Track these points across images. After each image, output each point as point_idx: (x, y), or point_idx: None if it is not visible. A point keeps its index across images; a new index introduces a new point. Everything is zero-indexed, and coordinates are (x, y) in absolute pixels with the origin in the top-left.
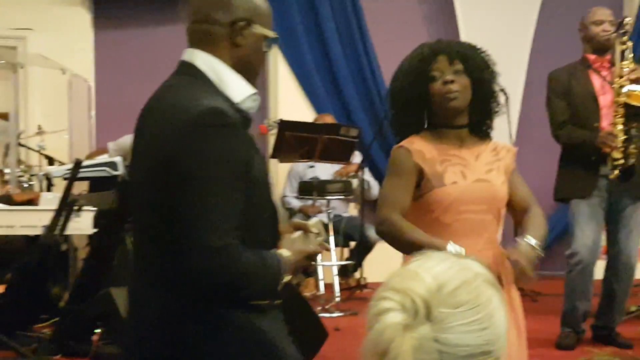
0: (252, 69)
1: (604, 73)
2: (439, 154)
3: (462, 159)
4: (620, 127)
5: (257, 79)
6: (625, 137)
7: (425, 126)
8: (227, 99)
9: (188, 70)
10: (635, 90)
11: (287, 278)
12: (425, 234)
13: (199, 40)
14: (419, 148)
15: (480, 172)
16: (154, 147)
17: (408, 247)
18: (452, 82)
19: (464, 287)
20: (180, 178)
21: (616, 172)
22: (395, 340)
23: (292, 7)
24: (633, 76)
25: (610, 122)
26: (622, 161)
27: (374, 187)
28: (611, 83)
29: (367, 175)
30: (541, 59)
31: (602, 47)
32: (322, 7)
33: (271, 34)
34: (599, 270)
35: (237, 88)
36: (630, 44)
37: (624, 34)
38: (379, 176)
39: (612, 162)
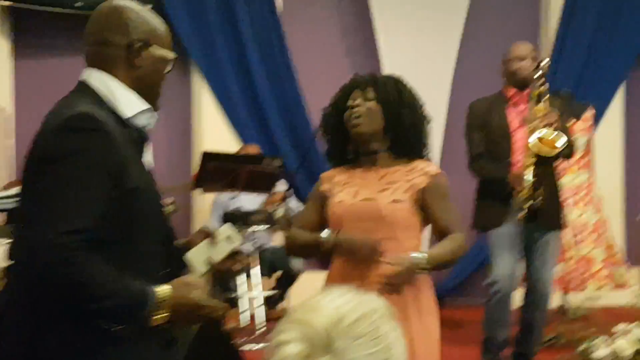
0: (152, 90)
1: (522, 107)
2: (347, 177)
3: (364, 180)
4: (530, 169)
5: (158, 99)
6: (534, 179)
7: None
8: (115, 113)
9: (81, 87)
10: (546, 139)
11: (160, 315)
12: (309, 233)
13: (97, 62)
14: (332, 174)
15: (372, 191)
16: (30, 151)
17: (300, 250)
18: (357, 106)
19: (363, 320)
20: (36, 174)
21: (523, 213)
22: None
23: (217, 36)
24: (546, 121)
25: (523, 154)
26: (528, 203)
27: None
28: (528, 120)
29: (293, 205)
30: (463, 90)
31: (521, 83)
32: (247, 37)
33: (170, 54)
34: (518, 298)
35: (128, 103)
36: (546, 87)
37: (542, 76)
38: (304, 203)
39: (519, 203)
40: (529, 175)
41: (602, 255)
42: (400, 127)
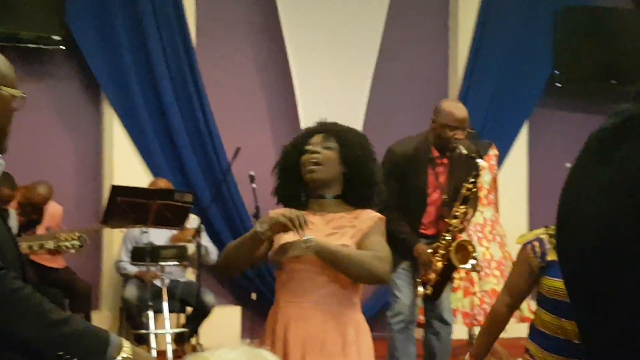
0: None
1: (441, 169)
2: None
3: (311, 224)
4: (439, 262)
5: (6, 139)
6: (439, 279)
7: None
8: None
9: None
10: (466, 244)
11: None
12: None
13: None
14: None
15: (319, 235)
16: None
17: (237, 249)
18: (315, 152)
19: None
20: None
21: (422, 291)
22: None
23: (128, 68)
24: (460, 224)
25: (429, 221)
26: (430, 290)
27: (213, 252)
28: (441, 187)
29: (205, 240)
30: (376, 125)
31: (447, 149)
32: (160, 70)
33: (15, 92)
34: (421, 332)
35: None
36: (474, 191)
37: (473, 182)
38: (217, 240)
39: (423, 280)
40: (436, 266)
41: None
42: (357, 181)
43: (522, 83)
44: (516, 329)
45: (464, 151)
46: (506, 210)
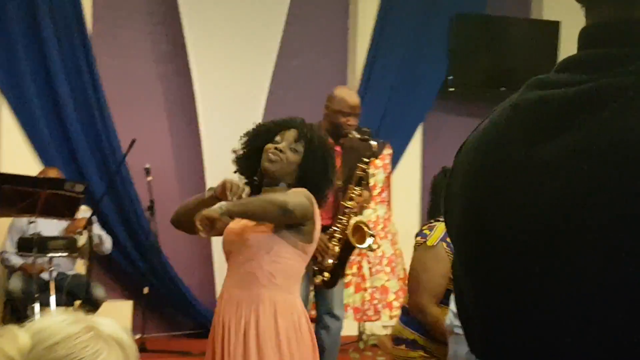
0: None
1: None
2: None
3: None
4: (336, 246)
5: None
6: (337, 262)
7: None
8: None
9: None
10: (362, 225)
11: None
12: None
13: None
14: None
15: (246, 222)
16: None
17: (187, 203)
18: (280, 151)
19: (64, 342)
20: None
21: (320, 278)
22: None
23: (19, 53)
24: (358, 205)
25: (330, 211)
26: (327, 275)
27: (107, 241)
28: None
29: (98, 230)
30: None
31: (340, 135)
32: (53, 56)
33: None
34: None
35: None
36: (369, 172)
37: (367, 162)
38: (109, 234)
39: (319, 266)
40: (334, 251)
41: (396, 287)
42: (309, 183)
43: (418, 86)
44: None
45: (357, 135)
46: (399, 208)
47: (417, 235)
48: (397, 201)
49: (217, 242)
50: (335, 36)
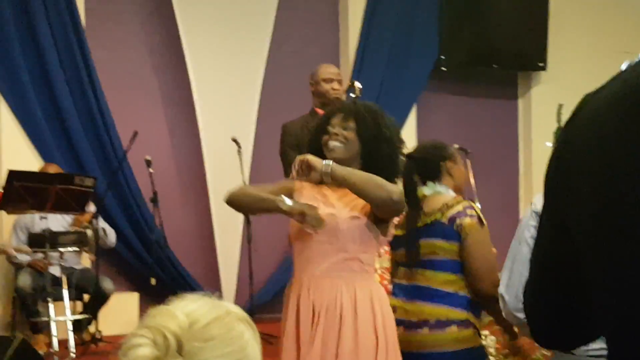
0: None
1: None
2: (314, 192)
3: (325, 197)
4: None
5: None
6: None
7: None
8: None
9: None
10: None
11: None
12: (269, 194)
13: None
14: (303, 185)
15: (332, 208)
16: None
17: (252, 200)
18: (335, 134)
19: (215, 323)
20: None
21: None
22: None
23: (15, 49)
24: None
25: None
26: None
27: (111, 234)
28: None
29: (102, 223)
30: (270, 108)
31: (331, 104)
32: (48, 51)
33: None
34: None
35: None
36: None
37: (355, 99)
38: (112, 226)
39: None
40: None
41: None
42: (375, 160)
43: (411, 67)
44: None
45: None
46: None
47: (457, 215)
48: None
49: (220, 231)
50: (326, 20)
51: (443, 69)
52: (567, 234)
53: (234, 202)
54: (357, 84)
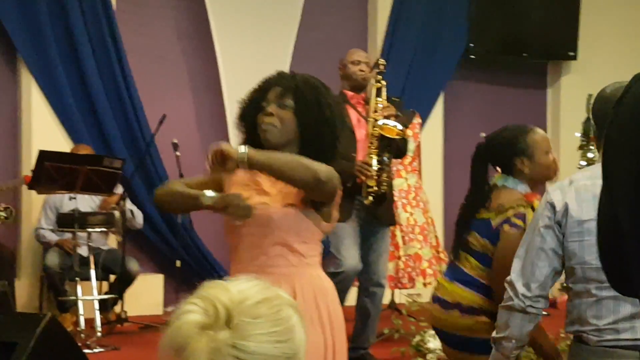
0: None
1: (360, 109)
2: (247, 179)
3: (258, 184)
4: (374, 157)
5: None
6: (378, 166)
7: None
8: None
9: None
10: (388, 124)
11: None
12: (195, 190)
13: None
14: (236, 172)
15: (266, 196)
16: None
17: (174, 198)
18: (270, 114)
19: (265, 302)
20: None
21: (370, 198)
22: (193, 338)
23: (46, 32)
24: (386, 112)
25: (365, 153)
26: (375, 189)
27: (138, 216)
28: (366, 118)
29: (130, 205)
30: None
31: (358, 85)
32: (79, 34)
33: None
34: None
35: None
36: (384, 82)
37: (380, 73)
38: (140, 208)
39: (366, 189)
40: (374, 162)
41: (428, 254)
42: (314, 145)
43: (439, 54)
44: None
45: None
46: (425, 177)
47: (506, 222)
48: (423, 170)
49: None
50: (355, 7)
51: (472, 57)
52: None
53: (160, 202)
54: (382, 60)
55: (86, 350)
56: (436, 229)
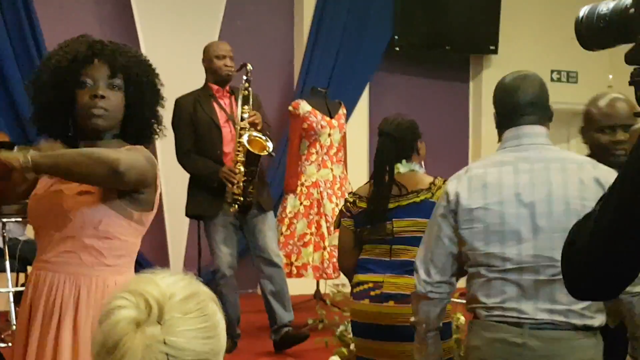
0: None
1: (225, 102)
2: None
3: None
4: (241, 166)
5: None
6: (245, 178)
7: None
8: None
9: None
10: (256, 136)
11: None
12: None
13: None
14: (48, 147)
15: (65, 183)
16: None
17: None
18: (102, 97)
19: (192, 298)
20: None
21: (235, 206)
22: (127, 335)
23: None
24: (251, 120)
25: (231, 148)
26: (241, 198)
27: None
28: (231, 118)
29: None
30: None
31: (223, 80)
32: None
33: None
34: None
35: None
36: (251, 90)
37: (247, 80)
38: None
39: (232, 196)
40: (240, 171)
41: None
42: (137, 122)
43: (365, 46)
44: None
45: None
46: (350, 167)
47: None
48: (349, 161)
49: (169, 207)
50: None
51: (397, 49)
52: None
53: None
54: (249, 66)
55: (1, 344)
56: None
